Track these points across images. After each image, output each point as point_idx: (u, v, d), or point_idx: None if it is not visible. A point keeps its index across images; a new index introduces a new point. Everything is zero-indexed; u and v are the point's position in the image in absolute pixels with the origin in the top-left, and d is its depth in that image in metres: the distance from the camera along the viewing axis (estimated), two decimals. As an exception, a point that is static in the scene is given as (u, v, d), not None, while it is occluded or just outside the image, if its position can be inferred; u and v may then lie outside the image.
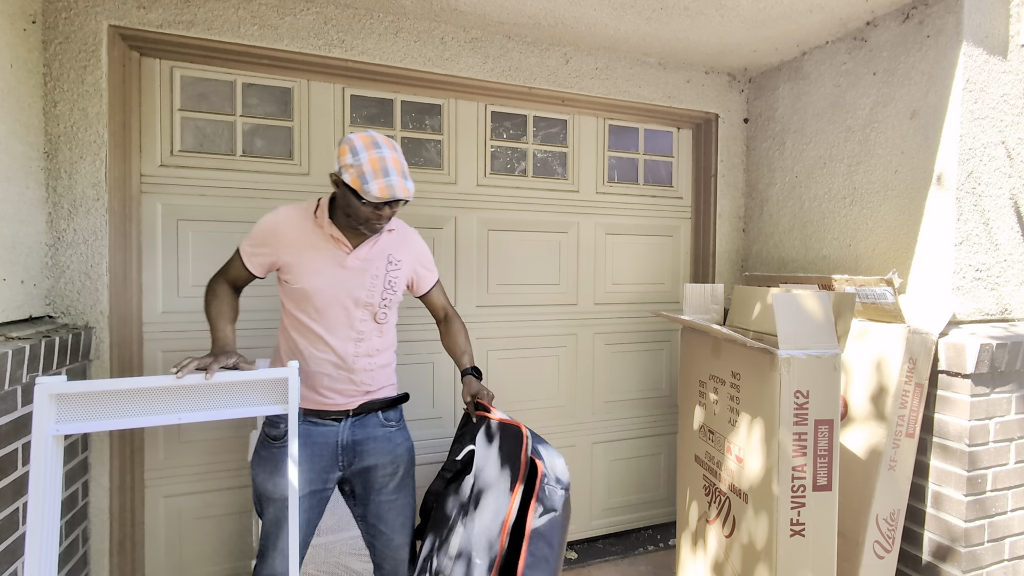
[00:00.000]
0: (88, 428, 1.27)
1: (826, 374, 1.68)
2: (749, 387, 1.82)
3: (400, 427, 1.71)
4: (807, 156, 2.60)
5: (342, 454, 1.61)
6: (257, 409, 1.40)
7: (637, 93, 2.71)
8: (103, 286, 1.95)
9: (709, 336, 2.05)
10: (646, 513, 3.00)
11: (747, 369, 1.83)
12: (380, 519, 1.65)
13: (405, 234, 1.71)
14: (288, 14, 2.14)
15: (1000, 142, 2.04)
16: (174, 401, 1.34)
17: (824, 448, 1.68)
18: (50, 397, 1.22)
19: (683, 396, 2.33)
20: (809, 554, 1.67)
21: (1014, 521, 1.98)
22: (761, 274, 2.76)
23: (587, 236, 2.80)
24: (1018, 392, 1.95)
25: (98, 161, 1.92)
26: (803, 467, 1.67)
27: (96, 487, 1.98)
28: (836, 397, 1.69)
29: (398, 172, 1.44)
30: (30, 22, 1.81)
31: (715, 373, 2.03)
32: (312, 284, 1.55)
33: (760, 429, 1.75)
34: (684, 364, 2.33)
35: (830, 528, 1.68)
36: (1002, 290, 2.07)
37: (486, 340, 2.62)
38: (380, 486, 1.64)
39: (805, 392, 1.67)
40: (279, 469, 1.55)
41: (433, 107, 2.51)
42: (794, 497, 1.67)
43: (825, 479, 1.68)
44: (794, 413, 1.67)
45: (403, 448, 1.68)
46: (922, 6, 2.11)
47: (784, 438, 1.66)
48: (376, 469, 1.63)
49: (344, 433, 1.61)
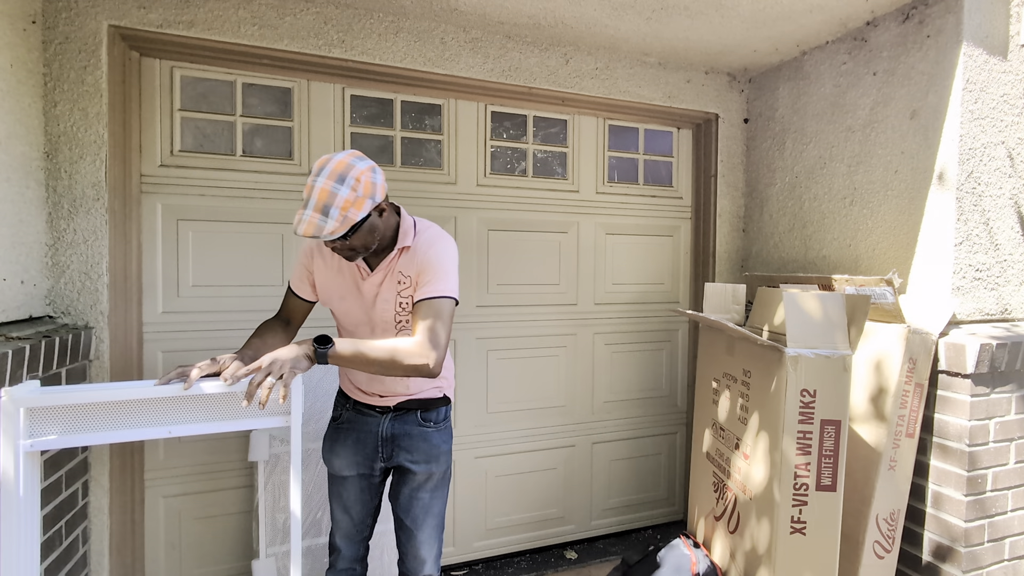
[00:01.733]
0: (67, 443, 1.12)
1: (835, 375, 1.67)
2: (758, 385, 1.82)
3: (440, 428, 1.67)
4: (807, 156, 2.60)
5: (382, 446, 1.65)
6: (255, 422, 1.31)
7: (637, 93, 2.71)
8: (103, 286, 1.95)
9: (724, 334, 2.05)
10: (646, 513, 3.00)
11: (757, 367, 1.83)
12: (407, 514, 1.65)
13: (417, 248, 1.53)
14: (288, 14, 2.14)
15: (1000, 142, 2.04)
16: (165, 412, 1.22)
17: (830, 449, 1.67)
18: (24, 411, 1.07)
19: (698, 394, 2.34)
20: (809, 553, 1.67)
21: (1014, 521, 1.98)
22: (760, 274, 2.76)
23: (587, 236, 2.80)
24: (1018, 392, 1.95)
25: (98, 161, 1.92)
26: (806, 466, 1.67)
27: (96, 487, 1.98)
28: (845, 398, 1.68)
29: (315, 206, 1.32)
30: (30, 22, 1.81)
31: (728, 371, 2.02)
32: (338, 308, 1.63)
33: (766, 427, 1.75)
34: (700, 362, 2.33)
35: (832, 528, 1.68)
36: (1002, 290, 2.07)
37: (486, 340, 2.62)
38: (412, 482, 1.65)
39: (812, 391, 1.67)
40: (334, 449, 1.68)
41: (433, 107, 2.51)
42: (796, 495, 1.66)
43: (829, 479, 1.68)
44: (799, 412, 1.66)
45: (438, 450, 1.65)
46: (922, 6, 2.11)
47: (788, 436, 1.66)
48: (410, 465, 1.63)
49: (384, 426, 1.64)
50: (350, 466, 1.66)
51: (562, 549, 2.78)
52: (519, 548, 2.73)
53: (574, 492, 2.83)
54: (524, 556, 2.72)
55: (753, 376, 1.85)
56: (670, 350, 3.01)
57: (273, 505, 2.10)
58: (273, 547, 2.11)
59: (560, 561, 2.68)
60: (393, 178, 2.42)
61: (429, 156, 2.52)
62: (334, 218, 1.32)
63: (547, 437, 2.76)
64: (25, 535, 1.08)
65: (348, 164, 1.36)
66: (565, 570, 2.61)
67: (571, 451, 2.81)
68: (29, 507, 1.09)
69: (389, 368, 1.39)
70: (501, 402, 2.66)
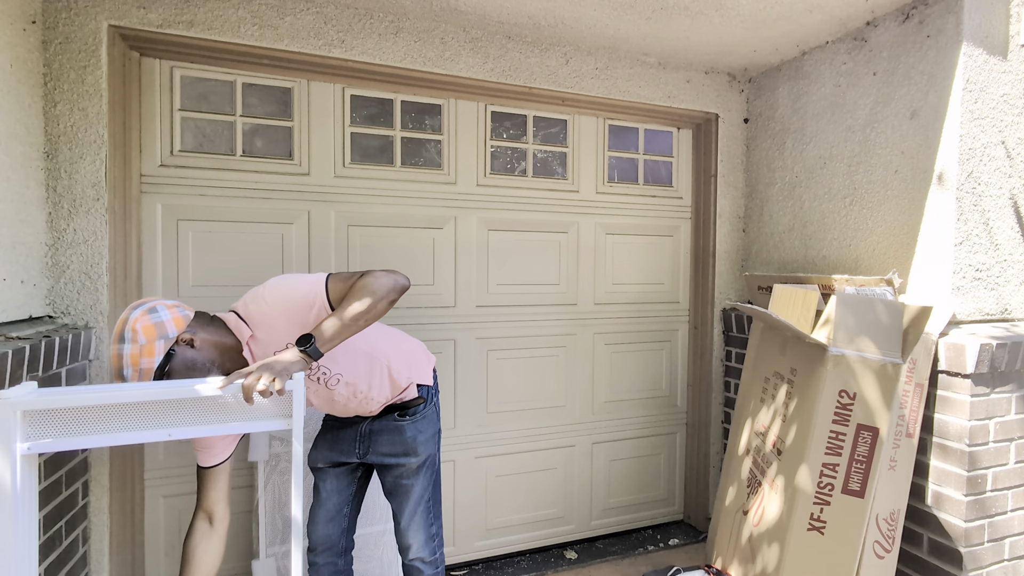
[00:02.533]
0: (65, 446, 1.12)
1: (880, 381, 1.62)
2: (802, 382, 1.79)
3: (415, 419, 1.71)
4: (807, 156, 2.60)
5: (359, 442, 1.71)
6: (256, 424, 1.30)
7: (637, 93, 2.71)
8: (103, 286, 1.95)
9: (780, 334, 2.02)
10: (646, 513, 3.00)
11: (803, 365, 1.80)
12: (392, 496, 1.72)
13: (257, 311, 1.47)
14: (288, 14, 2.14)
15: (1000, 142, 2.04)
16: (164, 414, 1.21)
17: (863, 455, 1.63)
18: (20, 414, 1.07)
19: (744, 391, 2.35)
20: (825, 553, 1.62)
21: (1014, 521, 1.98)
22: (762, 274, 2.76)
23: (587, 236, 2.80)
24: (1018, 392, 1.95)
25: (98, 161, 1.92)
26: (834, 467, 1.62)
27: (96, 487, 1.98)
28: (887, 406, 1.61)
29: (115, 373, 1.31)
30: (30, 22, 1.81)
31: (778, 370, 2.00)
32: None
33: (800, 423, 1.71)
34: (753, 360, 2.31)
35: (854, 534, 1.62)
36: (1002, 290, 2.07)
37: (486, 340, 2.62)
38: (391, 472, 1.71)
39: (851, 394, 1.62)
40: (315, 441, 1.78)
41: (433, 107, 2.51)
42: (819, 493, 1.63)
43: (858, 485, 1.63)
44: (835, 412, 1.62)
45: (413, 440, 1.69)
46: (922, 6, 2.11)
47: (818, 434, 1.62)
48: (384, 459, 1.70)
49: (364, 426, 1.72)
50: (325, 457, 1.73)
51: (562, 549, 2.78)
52: (519, 548, 2.73)
53: (574, 492, 2.83)
54: (524, 556, 2.72)
55: (799, 374, 1.82)
56: (670, 350, 3.01)
57: (273, 505, 2.11)
58: (273, 547, 2.11)
59: (560, 561, 2.68)
60: (393, 178, 2.43)
61: (429, 156, 2.52)
62: (130, 373, 1.29)
63: (547, 437, 2.76)
64: (22, 538, 1.06)
65: (124, 320, 1.33)
66: (565, 570, 2.61)
67: (571, 451, 2.81)
68: (26, 510, 1.08)
69: (377, 307, 1.37)
70: (501, 402, 2.66)
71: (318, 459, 1.75)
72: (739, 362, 2.82)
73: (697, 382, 3.01)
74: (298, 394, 1.31)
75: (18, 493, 1.05)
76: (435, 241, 2.51)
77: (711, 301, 2.93)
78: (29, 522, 1.08)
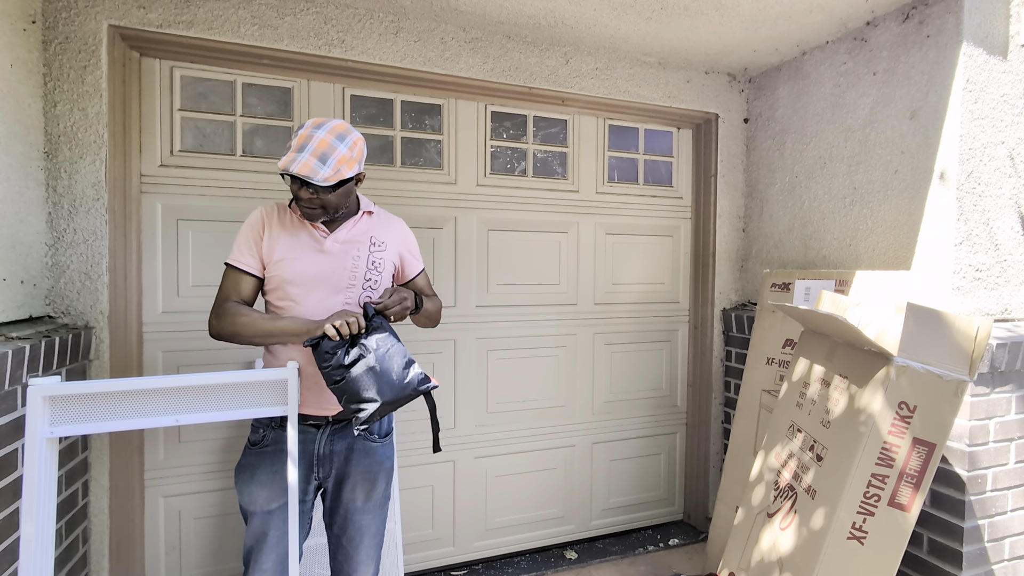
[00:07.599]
0: (84, 430, 1.26)
1: (943, 396, 1.58)
2: (854, 391, 1.74)
3: (384, 443, 1.59)
4: (807, 156, 2.60)
5: (318, 465, 1.53)
6: (256, 411, 1.39)
7: (637, 93, 2.71)
8: (103, 286, 1.95)
9: (828, 339, 1.99)
10: (646, 513, 3.00)
11: (857, 373, 1.75)
12: (345, 534, 1.56)
13: (388, 218, 1.68)
14: (288, 14, 2.14)
15: (1000, 142, 2.04)
16: (172, 402, 1.32)
17: (915, 469, 1.59)
18: (43, 399, 1.20)
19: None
20: (863, 564, 1.59)
21: (1014, 521, 1.98)
22: (778, 270, 2.75)
23: (587, 236, 2.80)
24: (1018, 392, 1.95)
25: (98, 161, 1.92)
26: (884, 478, 1.59)
27: (96, 487, 1.98)
28: (947, 424, 1.58)
29: (314, 152, 1.36)
30: (30, 22, 1.81)
31: (823, 376, 1.97)
32: (290, 270, 1.49)
33: (850, 431, 1.68)
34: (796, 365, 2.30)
35: (895, 547, 1.59)
36: (1002, 290, 2.07)
37: (486, 340, 2.62)
38: (352, 502, 1.55)
39: (912, 407, 1.58)
40: (255, 478, 1.49)
41: (433, 107, 2.51)
42: (864, 502, 1.59)
43: (906, 499, 1.59)
44: (892, 423, 1.59)
45: (380, 467, 1.57)
46: (922, 6, 2.10)
47: (871, 443, 1.59)
48: (350, 484, 1.54)
49: (321, 443, 1.52)
50: (279, 495, 1.48)
51: (562, 549, 2.78)
52: (519, 548, 2.73)
53: (574, 492, 2.83)
54: (524, 556, 2.72)
55: (850, 381, 1.78)
56: (670, 350, 3.01)
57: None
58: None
59: (560, 561, 2.68)
60: (393, 178, 2.42)
61: (429, 156, 2.52)
62: (330, 167, 1.38)
63: (547, 437, 2.76)
64: (44, 516, 1.18)
65: (347, 128, 1.47)
66: (565, 570, 2.61)
67: (571, 451, 2.81)
68: (48, 491, 1.20)
69: (436, 315, 1.72)
70: (501, 402, 2.66)
71: (270, 498, 1.49)
72: (739, 362, 2.82)
73: (697, 382, 3.01)
74: (292, 382, 1.39)
75: (43, 471, 1.19)
76: (435, 241, 2.51)
77: (711, 301, 2.93)
78: (50, 501, 1.21)
